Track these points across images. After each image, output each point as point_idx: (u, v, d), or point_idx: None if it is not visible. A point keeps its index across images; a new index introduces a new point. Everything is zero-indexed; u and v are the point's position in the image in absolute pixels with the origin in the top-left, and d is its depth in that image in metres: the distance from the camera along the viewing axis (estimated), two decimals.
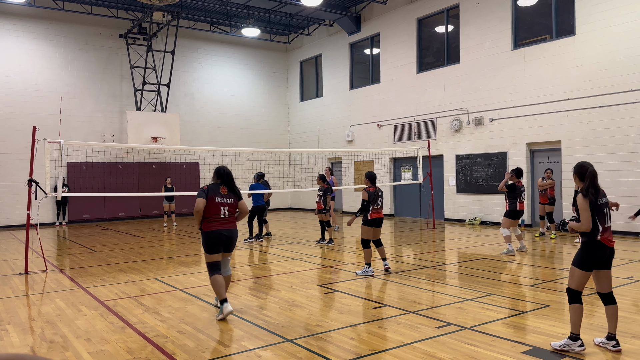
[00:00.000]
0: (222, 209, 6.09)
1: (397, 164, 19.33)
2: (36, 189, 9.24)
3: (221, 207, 6.08)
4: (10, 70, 18.36)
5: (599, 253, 4.62)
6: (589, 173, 4.76)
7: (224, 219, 6.09)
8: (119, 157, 19.93)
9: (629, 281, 7.56)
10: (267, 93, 24.25)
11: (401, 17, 18.65)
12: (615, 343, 4.71)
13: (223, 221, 6.09)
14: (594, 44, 13.13)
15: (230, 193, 6.20)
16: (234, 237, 6.22)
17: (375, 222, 8.57)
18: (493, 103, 15.56)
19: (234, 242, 6.25)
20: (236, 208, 6.24)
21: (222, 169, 6.30)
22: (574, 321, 4.63)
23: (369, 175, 8.68)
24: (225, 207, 6.12)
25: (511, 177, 10.43)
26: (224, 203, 6.11)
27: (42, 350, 5.05)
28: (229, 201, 6.15)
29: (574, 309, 4.65)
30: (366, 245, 8.55)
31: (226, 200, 6.13)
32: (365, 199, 8.48)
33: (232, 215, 6.19)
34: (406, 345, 4.95)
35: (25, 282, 8.45)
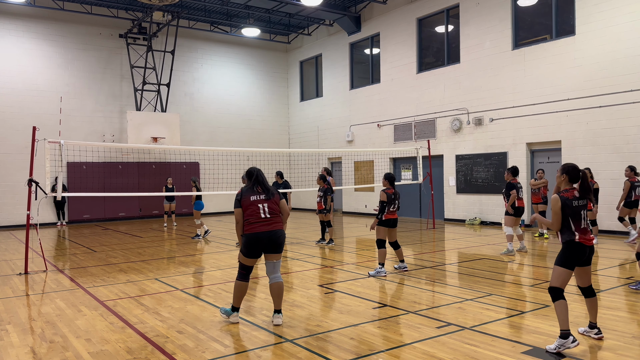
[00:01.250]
0: (261, 207, 5.66)
1: (397, 164, 19.33)
2: (36, 189, 9.24)
3: (259, 206, 5.66)
4: (10, 70, 18.35)
5: (580, 253, 4.81)
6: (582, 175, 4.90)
7: (264, 220, 5.64)
8: (119, 157, 19.92)
9: (629, 281, 7.56)
10: (267, 93, 24.24)
11: (401, 17, 18.65)
12: (597, 331, 4.99)
13: (263, 222, 5.64)
14: (594, 44, 13.13)
15: (267, 191, 5.76)
16: (277, 238, 5.68)
17: (389, 223, 8.55)
18: (493, 103, 15.55)
19: (278, 244, 5.70)
20: (277, 206, 5.80)
21: (252, 170, 5.92)
22: (562, 318, 4.67)
23: (389, 177, 8.67)
24: (265, 204, 5.68)
25: (507, 175, 10.47)
26: (261, 200, 5.69)
27: (42, 350, 5.06)
28: (267, 198, 5.72)
29: (561, 305, 4.70)
30: (381, 245, 8.50)
31: (264, 197, 5.71)
32: (384, 200, 8.48)
33: (274, 215, 5.72)
34: (406, 345, 4.95)
35: (25, 282, 8.45)
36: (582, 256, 4.82)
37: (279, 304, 5.78)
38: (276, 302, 5.78)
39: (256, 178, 5.84)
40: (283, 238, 5.78)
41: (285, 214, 5.92)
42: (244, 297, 5.85)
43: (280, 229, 5.75)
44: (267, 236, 5.62)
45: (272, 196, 5.77)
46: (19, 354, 4.98)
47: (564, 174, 4.92)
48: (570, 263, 4.81)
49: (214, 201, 21.95)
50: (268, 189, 5.79)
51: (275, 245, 5.71)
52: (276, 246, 5.72)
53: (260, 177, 5.85)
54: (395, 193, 8.59)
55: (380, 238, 8.54)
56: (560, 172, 4.95)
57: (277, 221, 5.74)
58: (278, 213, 5.78)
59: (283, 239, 5.78)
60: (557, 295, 4.74)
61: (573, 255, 4.81)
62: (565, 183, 4.92)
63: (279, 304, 5.78)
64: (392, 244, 8.74)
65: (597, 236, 11.48)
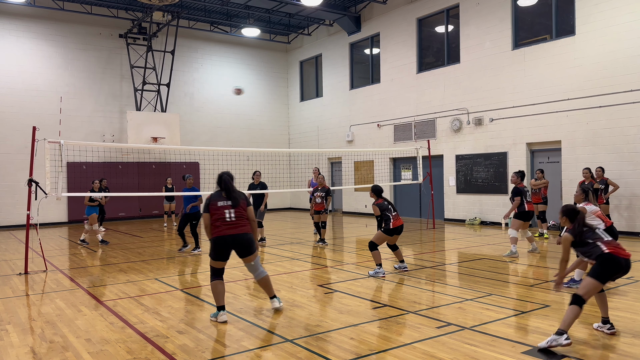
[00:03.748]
0: (227, 212, 5.86)
1: (397, 164, 19.33)
2: (36, 189, 9.24)
3: (225, 211, 5.86)
4: (10, 70, 18.36)
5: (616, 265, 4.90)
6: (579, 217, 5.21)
7: (230, 223, 5.82)
8: (119, 157, 19.93)
9: (629, 281, 7.56)
10: (267, 93, 24.25)
11: (401, 17, 18.65)
12: (610, 326, 5.17)
13: (229, 225, 5.82)
14: (594, 44, 13.13)
15: (232, 199, 5.94)
16: (243, 241, 5.86)
17: (397, 230, 8.45)
18: (493, 103, 15.55)
19: (245, 246, 5.89)
20: (243, 210, 5.95)
21: (221, 175, 6.08)
22: (569, 321, 4.73)
23: (374, 189, 8.69)
24: (231, 210, 5.87)
25: (516, 179, 10.29)
26: (227, 206, 5.88)
27: (42, 351, 5.06)
28: (233, 205, 5.90)
29: (574, 310, 4.75)
30: (373, 247, 8.42)
31: (230, 204, 5.89)
32: (377, 213, 8.47)
33: (240, 219, 5.88)
34: (406, 345, 4.95)
35: (25, 282, 8.45)
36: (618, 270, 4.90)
37: (271, 291, 6.22)
38: (268, 291, 6.21)
39: (225, 185, 5.99)
40: (250, 240, 5.93)
41: (252, 221, 6.04)
42: (224, 294, 5.98)
43: (246, 232, 5.90)
44: (232, 239, 5.82)
45: (237, 204, 5.94)
46: (19, 354, 4.98)
47: (564, 216, 5.31)
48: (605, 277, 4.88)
49: None
50: (234, 196, 5.96)
51: (242, 248, 5.91)
52: (244, 248, 5.92)
53: (227, 184, 5.99)
54: (386, 201, 8.57)
55: (375, 242, 8.43)
56: (561, 215, 5.35)
57: (243, 224, 5.91)
58: (244, 218, 5.95)
59: (250, 241, 5.94)
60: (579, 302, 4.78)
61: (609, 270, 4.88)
62: (568, 223, 5.29)
63: (271, 291, 6.20)
64: (390, 246, 8.67)
65: None
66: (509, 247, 10.28)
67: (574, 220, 5.22)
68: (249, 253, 5.96)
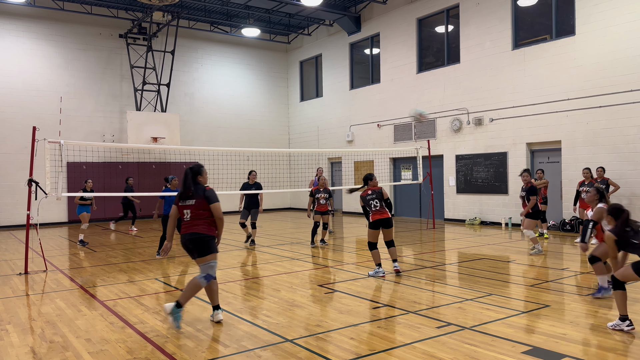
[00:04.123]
0: (186, 211, 5.76)
1: (397, 164, 19.33)
2: (36, 189, 9.24)
3: (185, 211, 5.77)
4: (10, 70, 18.36)
5: None
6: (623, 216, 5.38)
7: (186, 222, 5.75)
8: (119, 157, 19.93)
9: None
10: (267, 93, 24.25)
11: (401, 17, 18.65)
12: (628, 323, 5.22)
13: (185, 224, 5.75)
14: (594, 44, 13.13)
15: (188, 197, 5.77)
16: (192, 242, 5.67)
17: (376, 224, 8.34)
18: (493, 103, 15.55)
19: (194, 248, 5.69)
20: (200, 209, 5.72)
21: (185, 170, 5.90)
22: (622, 304, 5.19)
23: (363, 177, 8.65)
24: (187, 209, 5.75)
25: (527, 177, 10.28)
26: (186, 205, 5.77)
27: (42, 350, 5.06)
28: (190, 203, 5.74)
29: (620, 294, 5.19)
30: (371, 247, 8.43)
31: (188, 203, 5.76)
32: (361, 204, 8.56)
33: (196, 219, 5.69)
34: (406, 345, 4.95)
35: (25, 282, 8.46)
36: None
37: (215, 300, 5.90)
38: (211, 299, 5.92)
39: (183, 181, 5.84)
40: (200, 242, 5.67)
41: (217, 219, 5.76)
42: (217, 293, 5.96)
43: (197, 232, 5.66)
44: (185, 239, 5.72)
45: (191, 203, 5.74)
46: (19, 354, 4.98)
47: (609, 214, 5.50)
48: None
49: None
50: (190, 194, 5.75)
51: (191, 249, 5.73)
52: (193, 250, 5.72)
53: (185, 181, 5.81)
54: (373, 193, 8.39)
55: (370, 241, 8.45)
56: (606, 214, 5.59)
57: (196, 224, 5.69)
58: (201, 217, 5.71)
59: (201, 242, 5.67)
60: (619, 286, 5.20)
61: None
62: (612, 222, 5.48)
63: (214, 300, 5.90)
64: (386, 242, 8.56)
65: None
66: (513, 248, 10.30)
67: (617, 219, 5.38)
68: (199, 255, 5.71)
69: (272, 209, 24.01)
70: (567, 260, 9.70)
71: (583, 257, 9.90)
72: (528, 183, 10.26)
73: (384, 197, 8.44)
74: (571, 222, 13.38)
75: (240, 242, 12.77)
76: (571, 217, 13.42)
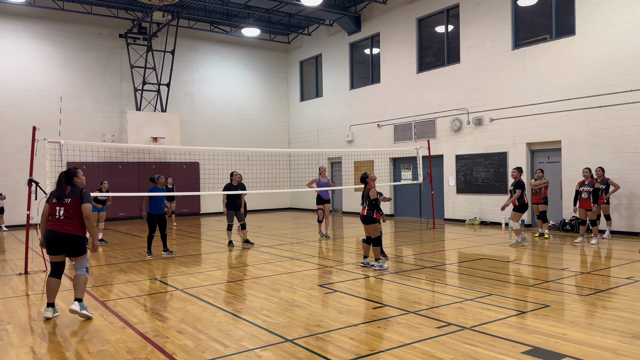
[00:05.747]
0: (58, 209, 6.06)
1: (397, 164, 19.33)
2: (36, 189, 9.24)
3: (57, 208, 6.07)
4: (10, 70, 18.36)
5: None
6: None
7: (57, 220, 6.03)
8: (119, 157, 19.93)
9: (629, 281, 7.56)
10: (267, 93, 24.25)
11: (401, 17, 18.65)
12: None
13: (57, 222, 6.03)
14: (594, 44, 13.13)
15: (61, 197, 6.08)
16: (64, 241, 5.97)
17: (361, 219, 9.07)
18: (493, 103, 15.55)
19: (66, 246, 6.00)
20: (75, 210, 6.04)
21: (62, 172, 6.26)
22: None
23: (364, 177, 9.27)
24: (61, 208, 6.04)
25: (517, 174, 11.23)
26: (58, 204, 6.07)
27: (42, 351, 5.06)
28: (62, 202, 6.06)
29: None
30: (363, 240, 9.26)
31: (60, 202, 6.06)
32: None
33: (68, 219, 6.00)
34: (406, 345, 4.95)
35: (25, 282, 8.45)
36: None
37: (78, 293, 6.08)
38: (75, 291, 6.11)
39: (58, 181, 6.17)
40: (69, 241, 5.98)
41: (85, 219, 6.02)
42: (56, 293, 6.18)
43: (69, 232, 5.97)
44: (55, 235, 5.97)
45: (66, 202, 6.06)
46: (19, 354, 4.98)
47: None
48: None
49: (213, 201, 21.96)
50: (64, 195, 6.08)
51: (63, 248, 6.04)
52: (66, 249, 6.05)
53: (59, 181, 6.14)
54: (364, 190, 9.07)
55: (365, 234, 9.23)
56: None
57: (69, 224, 6.00)
58: (73, 217, 6.02)
59: (69, 241, 5.98)
60: None
61: None
62: None
63: (77, 293, 6.09)
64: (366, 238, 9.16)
65: (596, 236, 11.46)
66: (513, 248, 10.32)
67: None
68: (73, 255, 6.11)
69: (272, 209, 24.02)
70: (567, 260, 9.70)
71: (583, 257, 9.91)
72: (517, 178, 11.19)
73: (371, 197, 8.92)
74: (571, 222, 13.38)
75: (238, 242, 12.76)
76: (571, 217, 13.42)
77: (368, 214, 8.88)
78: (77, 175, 6.28)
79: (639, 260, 9.27)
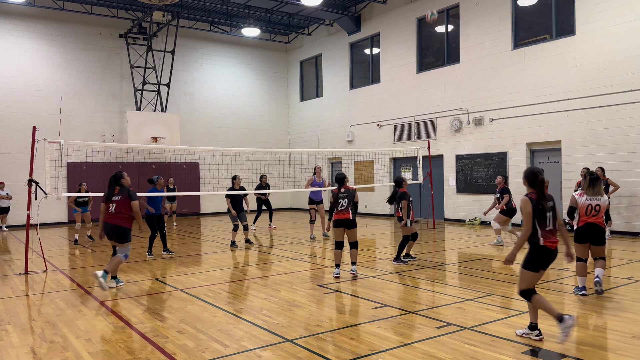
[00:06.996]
0: (111, 205, 7.65)
1: (397, 164, 19.33)
2: (36, 189, 9.23)
3: (110, 204, 7.66)
4: (10, 70, 18.36)
5: (545, 256, 5.00)
6: (540, 181, 5.03)
7: (110, 214, 7.62)
8: (119, 157, 19.92)
9: (629, 281, 7.56)
10: (267, 93, 24.25)
11: (401, 17, 18.65)
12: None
13: (108, 215, 7.64)
14: (594, 44, 13.13)
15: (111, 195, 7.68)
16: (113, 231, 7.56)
17: (336, 224, 8.27)
18: (493, 103, 15.55)
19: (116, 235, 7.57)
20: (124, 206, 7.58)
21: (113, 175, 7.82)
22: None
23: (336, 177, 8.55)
24: (113, 204, 7.63)
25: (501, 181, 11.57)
26: (112, 200, 7.65)
27: (42, 350, 5.06)
28: (116, 199, 7.62)
29: (537, 300, 4.92)
30: (335, 246, 8.39)
31: (114, 199, 7.64)
32: (330, 200, 8.44)
33: (119, 213, 7.56)
34: (406, 345, 4.95)
35: (25, 282, 8.45)
36: (547, 260, 5.03)
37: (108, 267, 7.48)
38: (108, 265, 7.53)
39: (108, 183, 7.75)
40: (119, 231, 7.56)
41: (135, 214, 7.64)
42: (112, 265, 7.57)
43: (117, 224, 7.55)
44: (107, 226, 7.61)
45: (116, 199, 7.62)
46: (19, 354, 4.98)
47: (523, 178, 5.19)
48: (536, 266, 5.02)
49: (213, 201, 21.96)
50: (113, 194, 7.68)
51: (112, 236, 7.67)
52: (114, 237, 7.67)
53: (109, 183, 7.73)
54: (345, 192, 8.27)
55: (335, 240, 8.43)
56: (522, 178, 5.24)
57: (118, 217, 7.56)
58: (122, 212, 7.58)
59: (119, 232, 7.57)
60: (529, 295, 4.98)
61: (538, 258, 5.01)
62: (527, 186, 5.16)
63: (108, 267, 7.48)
64: (350, 244, 8.46)
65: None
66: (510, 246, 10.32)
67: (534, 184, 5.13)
68: (119, 241, 7.69)
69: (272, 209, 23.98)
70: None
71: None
72: (501, 184, 11.45)
73: (355, 199, 8.37)
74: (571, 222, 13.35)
75: (240, 242, 12.75)
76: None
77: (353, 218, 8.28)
78: (123, 177, 7.76)
79: (639, 260, 9.27)
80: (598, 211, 6.70)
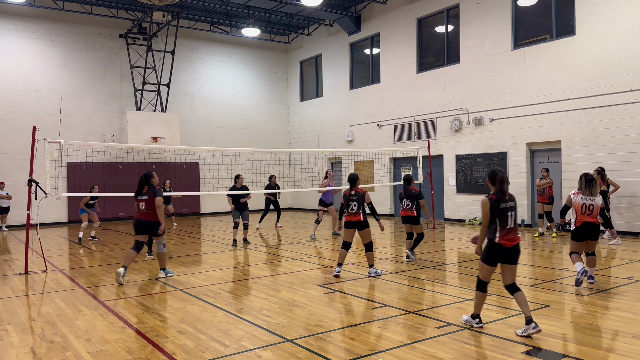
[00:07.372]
0: (140, 204, 8.23)
1: (397, 164, 19.33)
2: (36, 189, 9.23)
3: (139, 203, 8.24)
4: (10, 70, 18.36)
5: (499, 252, 5.29)
6: (499, 178, 5.30)
7: (139, 212, 8.25)
8: (119, 157, 19.93)
9: (629, 281, 7.56)
10: (267, 93, 24.25)
11: (401, 17, 18.65)
12: (534, 324, 5.08)
13: (139, 213, 8.25)
14: (594, 44, 13.13)
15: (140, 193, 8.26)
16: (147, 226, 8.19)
17: (347, 225, 8.28)
18: (493, 103, 15.55)
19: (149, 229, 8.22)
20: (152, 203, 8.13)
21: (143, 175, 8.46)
22: (477, 304, 5.45)
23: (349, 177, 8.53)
24: (142, 203, 8.21)
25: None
26: (141, 199, 8.24)
27: (42, 350, 5.06)
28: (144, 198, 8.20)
29: (479, 295, 5.44)
30: (342, 246, 8.38)
31: (142, 197, 8.22)
32: (342, 202, 8.48)
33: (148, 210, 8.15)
34: (406, 345, 4.95)
35: (25, 282, 8.45)
36: (501, 255, 5.30)
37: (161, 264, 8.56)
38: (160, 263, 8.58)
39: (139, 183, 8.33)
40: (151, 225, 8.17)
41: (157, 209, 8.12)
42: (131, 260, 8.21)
43: (150, 220, 8.15)
44: (139, 223, 8.22)
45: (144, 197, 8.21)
46: (19, 354, 4.98)
47: (487, 178, 5.49)
48: (490, 260, 5.35)
49: (213, 201, 21.96)
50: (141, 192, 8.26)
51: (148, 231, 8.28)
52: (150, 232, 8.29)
53: (139, 182, 8.31)
54: (356, 194, 8.25)
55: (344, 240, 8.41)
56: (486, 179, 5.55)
57: (150, 214, 8.16)
58: (151, 209, 8.14)
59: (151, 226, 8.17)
60: (480, 286, 5.43)
61: (492, 254, 5.33)
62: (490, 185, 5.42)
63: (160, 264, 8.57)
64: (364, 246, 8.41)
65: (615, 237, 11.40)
66: None
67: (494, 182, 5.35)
68: (151, 233, 8.34)
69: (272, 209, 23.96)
70: (567, 260, 9.69)
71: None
72: None
73: (366, 201, 8.34)
74: (571, 222, 13.35)
75: (239, 242, 12.76)
76: (571, 217, 13.39)
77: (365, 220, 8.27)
78: (152, 177, 8.34)
79: (639, 260, 9.27)
80: (592, 210, 7.20)
